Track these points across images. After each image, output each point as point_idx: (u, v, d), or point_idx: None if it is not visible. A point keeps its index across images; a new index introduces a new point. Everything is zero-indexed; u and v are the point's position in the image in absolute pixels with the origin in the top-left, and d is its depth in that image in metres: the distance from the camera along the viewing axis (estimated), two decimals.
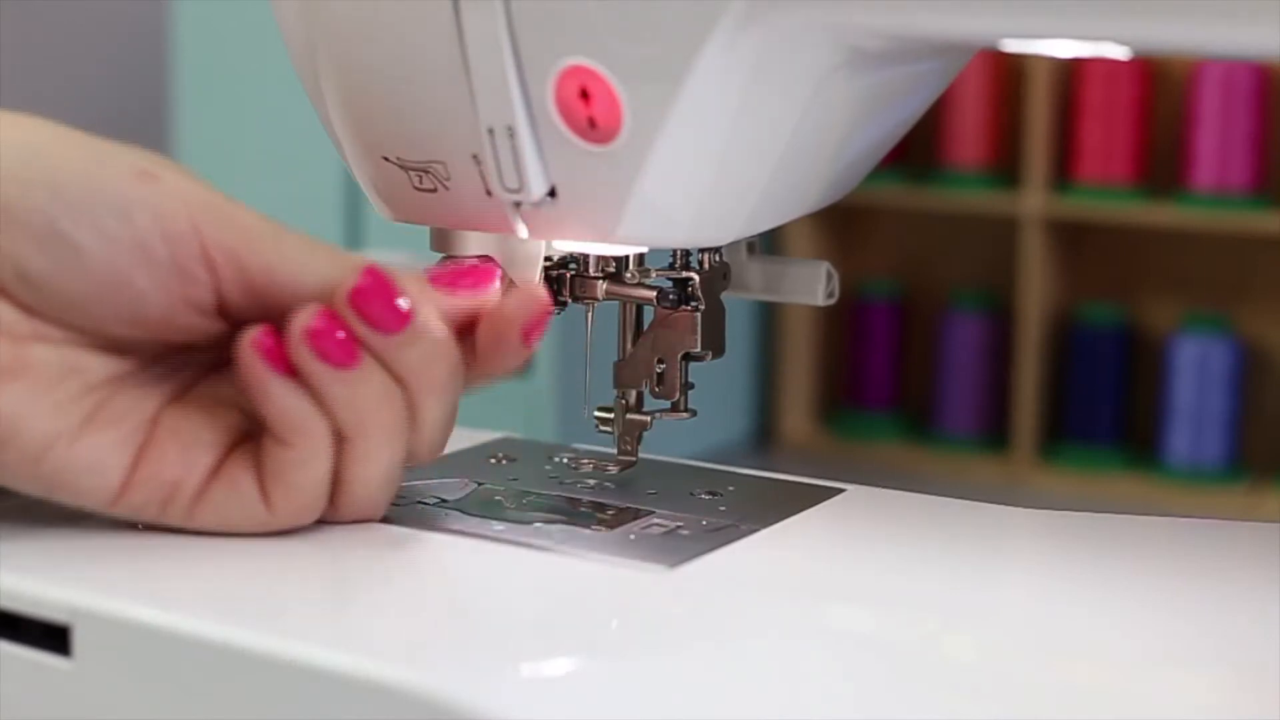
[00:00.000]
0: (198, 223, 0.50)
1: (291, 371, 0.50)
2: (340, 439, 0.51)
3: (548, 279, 0.58)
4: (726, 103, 0.50)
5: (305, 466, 0.51)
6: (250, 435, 0.52)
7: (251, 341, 0.50)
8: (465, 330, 0.53)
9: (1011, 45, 0.51)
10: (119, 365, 0.51)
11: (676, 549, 0.52)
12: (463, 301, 0.53)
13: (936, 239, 2.25)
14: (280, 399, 0.50)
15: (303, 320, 0.50)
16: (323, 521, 0.53)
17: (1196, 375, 2.04)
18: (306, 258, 0.51)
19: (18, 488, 0.51)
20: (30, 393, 0.50)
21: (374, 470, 0.52)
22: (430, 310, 0.51)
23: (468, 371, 0.53)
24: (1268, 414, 2.09)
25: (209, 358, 0.53)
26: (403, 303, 0.50)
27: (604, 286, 0.58)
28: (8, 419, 0.49)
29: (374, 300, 0.50)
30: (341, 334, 0.50)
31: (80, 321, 0.50)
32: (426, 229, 0.58)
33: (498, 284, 0.54)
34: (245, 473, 0.51)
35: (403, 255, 0.77)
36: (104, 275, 0.49)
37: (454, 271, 0.54)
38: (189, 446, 0.51)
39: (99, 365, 0.51)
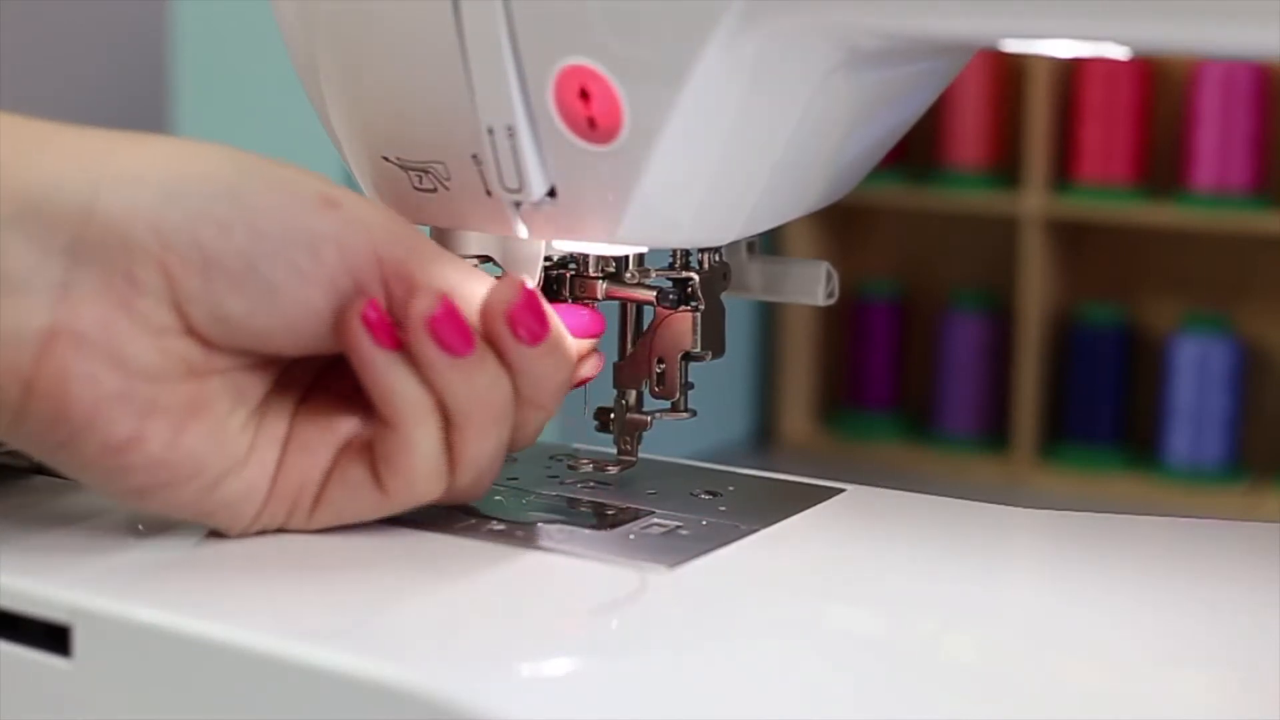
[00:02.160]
0: (378, 248, 0.50)
1: (397, 347, 0.50)
2: (448, 423, 0.51)
3: (548, 279, 0.58)
4: (726, 102, 0.50)
5: (415, 448, 0.51)
6: (362, 430, 0.52)
7: (359, 316, 0.50)
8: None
9: (1011, 45, 0.51)
10: (267, 381, 0.52)
11: (676, 549, 0.52)
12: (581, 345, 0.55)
13: (936, 239, 2.26)
14: (386, 376, 0.50)
15: (424, 307, 0.50)
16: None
17: (1196, 375, 2.04)
18: (466, 280, 0.51)
19: (175, 515, 0.51)
20: (210, 430, 0.50)
21: (480, 454, 0.52)
22: (562, 327, 0.53)
23: None
24: (1268, 414, 2.09)
25: (323, 360, 0.53)
26: (546, 316, 0.51)
27: (604, 286, 0.58)
28: (192, 459, 0.49)
29: (526, 314, 0.51)
30: (459, 322, 0.50)
31: (259, 349, 0.50)
32: (426, 229, 0.58)
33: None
34: (357, 464, 0.52)
35: None
36: (296, 310, 0.49)
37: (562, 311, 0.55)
38: (310, 449, 0.52)
39: (256, 386, 0.51)
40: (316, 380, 0.53)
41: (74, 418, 0.48)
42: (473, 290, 0.51)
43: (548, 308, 0.52)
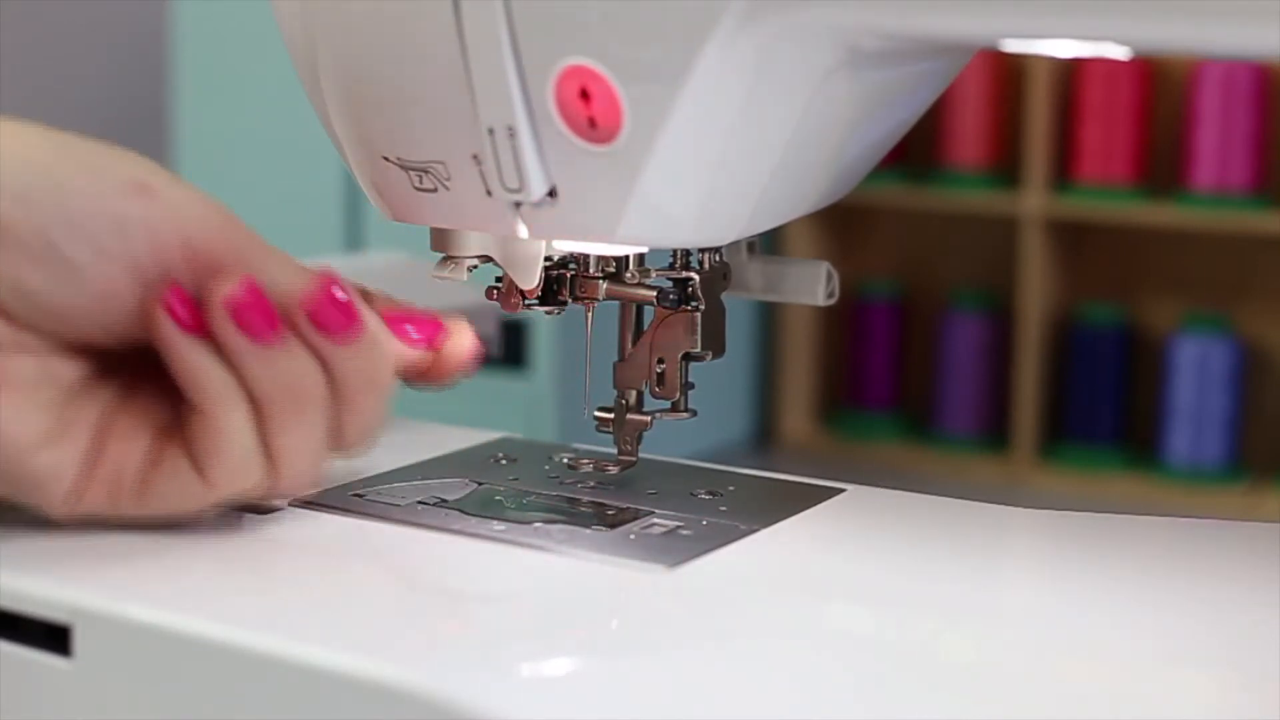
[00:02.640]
0: (189, 237, 0.50)
1: (202, 333, 0.50)
2: (259, 410, 0.51)
3: (548, 279, 0.58)
4: (727, 103, 0.50)
5: (226, 434, 0.51)
6: (180, 418, 0.52)
7: (161, 302, 0.50)
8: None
9: (1011, 45, 0.51)
10: (84, 368, 0.52)
11: (676, 549, 0.52)
12: (409, 350, 0.54)
13: (936, 239, 2.26)
14: (188, 359, 0.50)
15: (225, 290, 0.50)
16: (261, 508, 0.53)
17: (1196, 375, 2.04)
18: (281, 272, 0.51)
19: None
20: (12, 402, 0.50)
21: (295, 444, 0.52)
22: (379, 322, 0.52)
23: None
24: (1268, 414, 2.09)
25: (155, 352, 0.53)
26: (356, 312, 0.51)
27: (604, 286, 0.58)
28: None
29: (330, 308, 0.51)
30: (264, 307, 0.50)
31: (64, 331, 0.51)
32: (426, 229, 0.58)
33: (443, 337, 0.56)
34: (178, 452, 0.52)
35: (403, 255, 0.77)
36: (98, 291, 0.50)
37: (409, 317, 0.55)
38: (128, 437, 0.52)
39: (69, 370, 0.52)
40: (141, 371, 0.53)
41: None
42: (289, 280, 0.51)
43: (363, 308, 0.52)
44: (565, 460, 0.61)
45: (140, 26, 2.31)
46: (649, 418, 0.59)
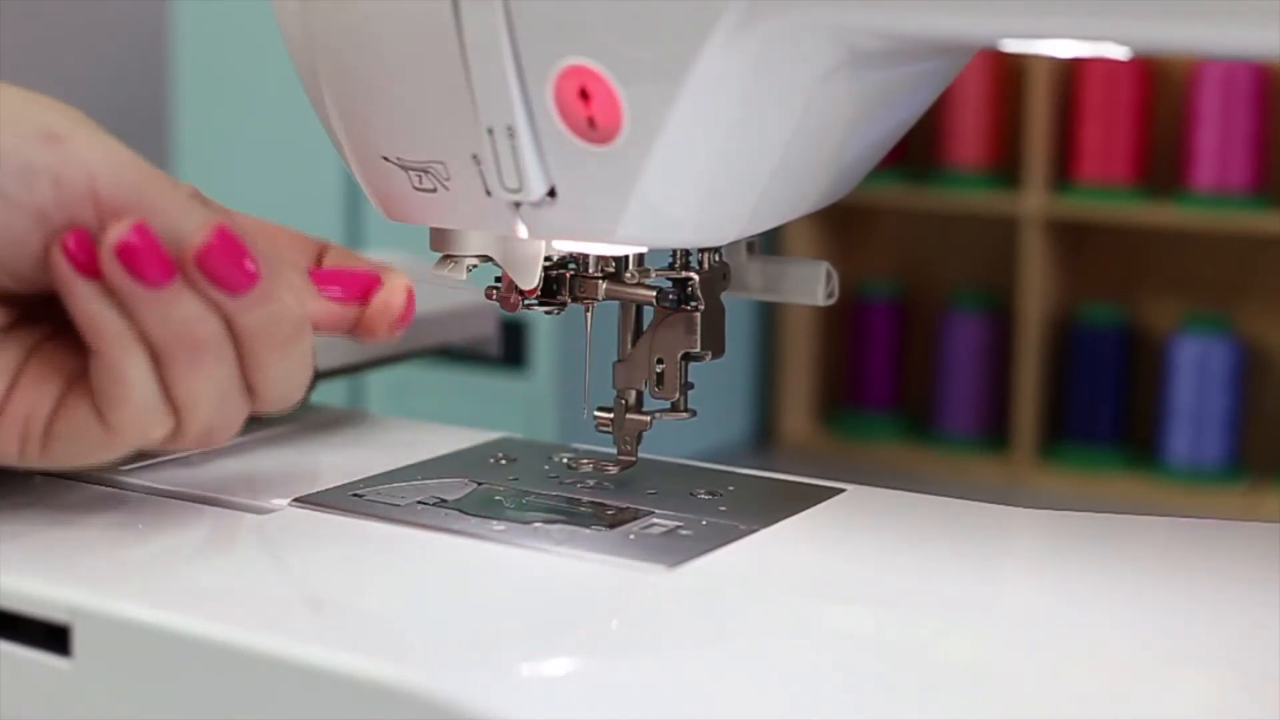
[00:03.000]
0: (96, 186, 0.50)
1: (99, 276, 0.50)
2: (157, 358, 0.51)
3: (547, 279, 0.58)
4: (726, 103, 0.50)
5: (124, 379, 0.51)
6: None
7: (59, 244, 0.50)
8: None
9: (1011, 45, 0.51)
10: (1, 317, 0.52)
11: (676, 549, 0.52)
12: (332, 307, 0.54)
13: (936, 239, 2.26)
14: (85, 303, 0.50)
15: (116, 234, 0.50)
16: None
17: (1196, 375, 2.04)
18: (183, 219, 0.51)
19: None
20: None
21: (197, 393, 0.52)
22: (277, 276, 0.52)
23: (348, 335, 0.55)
24: (1268, 414, 2.09)
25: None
26: (250, 265, 0.51)
27: (604, 286, 0.58)
28: None
29: (222, 260, 0.51)
30: (155, 251, 0.50)
31: None
32: (426, 229, 0.58)
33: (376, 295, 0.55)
34: (82, 400, 0.52)
35: (403, 255, 0.77)
36: (4, 238, 0.50)
37: (338, 275, 0.55)
38: (38, 385, 0.52)
39: None
40: (59, 322, 0.53)
41: None
42: (188, 228, 0.51)
43: (263, 261, 0.51)
44: (565, 460, 0.61)
45: (140, 26, 2.31)
46: (649, 418, 0.59)
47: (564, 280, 0.58)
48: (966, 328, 2.17)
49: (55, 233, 0.50)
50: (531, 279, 0.57)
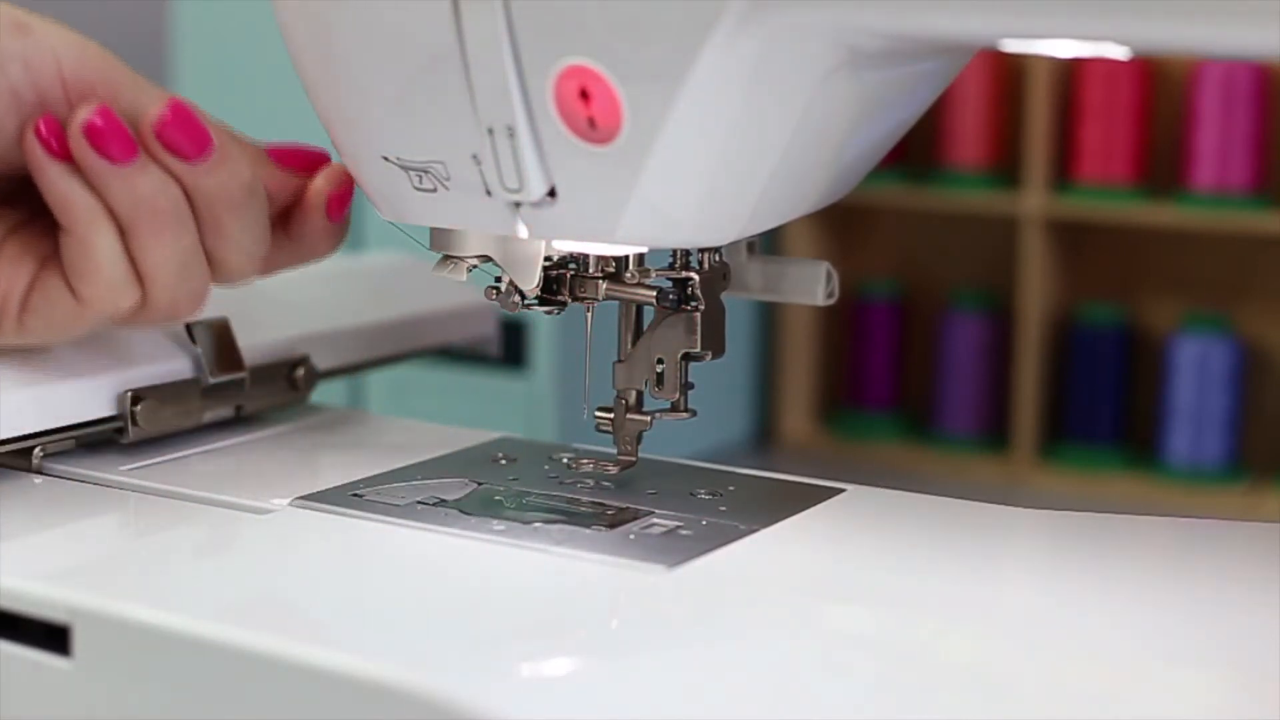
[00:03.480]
0: (63, 70, 0.56)
1: (70, 157, 0.55)
2: (124, 231, 0.55)
3: (547, 279, 0.58)
4: (726, 103, 0.50)
5: (93, 252, 0.55)
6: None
7: (32, 129, 0.55)
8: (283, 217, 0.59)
9: (1011, 45, 0.51)
10: None
11: (676, 549, 0.52)
12: (280, 173, 0.59)
13: (936, 239, 2.25)
14: (56, 182, 0.55)
15: (82, 115, 0.55)
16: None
17: (1196, 375, 2.04)
18: (144, 98, 0.56)
19: None
20: None
21: (161, 262, 0.56)
22: (230, 143, 0.57)
23: (283, 251, 0.59)
24: (1268, 414, 2.09)
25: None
26: (204, 132, 0.56)
27: (604, 286, 0.58)
28: None
29: (179, 128, 0.55)
30: (118, 131, 0.55)
31: None
32: (426, 229, 0.58)
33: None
34: (55, 276, 0.56)
35: (403, 255, 0.77)
36: None
37: (288, 150, 0.59)
38: (14, 264, 0.57)
39: None
40: (38, 209, 0.57)
41: None
42: (147, 105, 0.56)
43: (218, 131, 0.56)
44: (565, 460, 0.61)
45: (140, 26, 2.31)
46: (649, 418, 0.59)
47: (564, 280, 0.58)
48: (966, 328, 2.17)
49: (27, 114, 0.55)
50: (531, 279, 0.57)
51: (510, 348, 1.85)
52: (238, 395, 0.64)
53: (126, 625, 0.47)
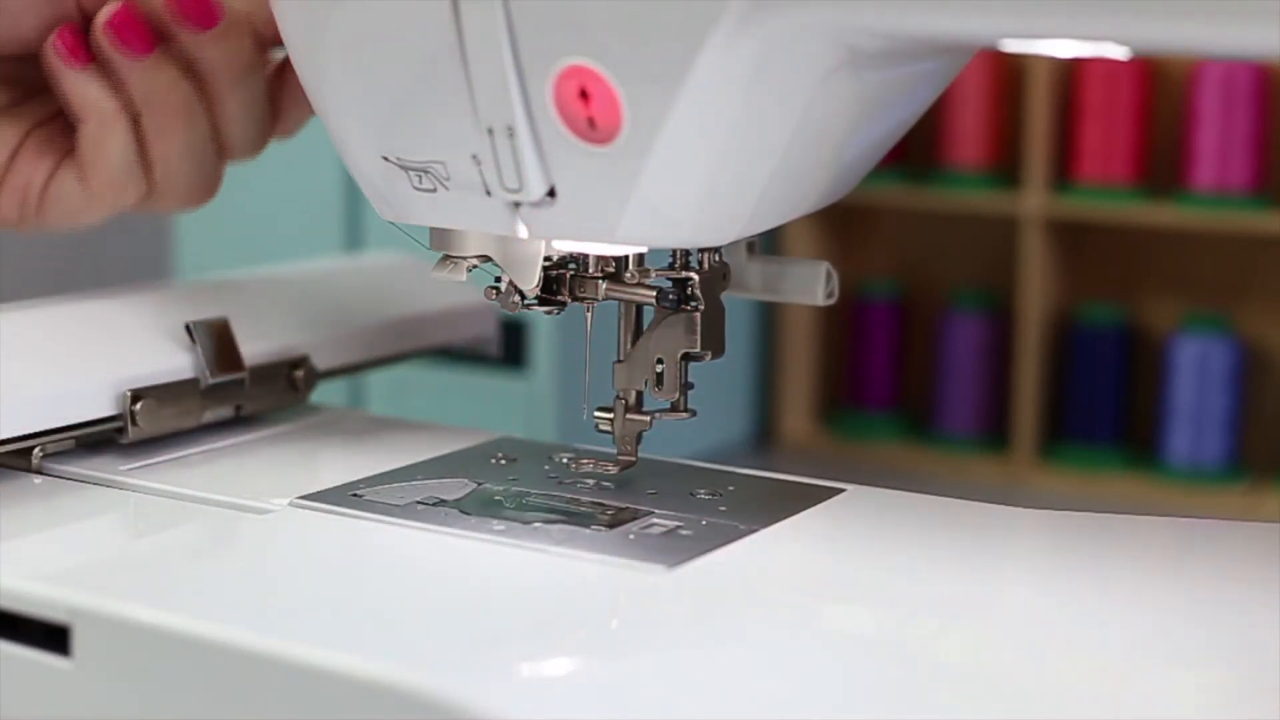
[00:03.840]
0: None
1: (87, 63, 0.60)
2: (136, 124, 0.61)
3: (547, 279, 0.58)
4: (726, 103, 0.50)
5: (103, 145, 0.60)
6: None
7: (54, 37, 0.60)
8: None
9: (1011, 45, 0.51)
10: (5, 96, 0.62)
11: (676, 549, 0.52)
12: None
13: (936, 239, 2.26)
14: (73, 84, 0.60)
15: (104, 14, 0.59)
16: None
17: (1196, 375, 2.04)
18: None
19: None
20: None
21: (169, 151, 0.61)
22: (240, 18, 0.61)
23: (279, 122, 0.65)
24: (1268, 414, 2.09)
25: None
26: (220, 10, 0.60)
27: (604, 286, 0.58)
28: None
29: (192, 4, 0.60)
30: (138, 24, 0.60)
31: None
32: (426, 229, 0.58)
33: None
34: (70, 169, 0.61)
35: (403, 255, 0.77)
36: (3, 20, 0.59)
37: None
38: (37, 156, 0.62)
39: None
40: (57, 110, 0.62)
41: None
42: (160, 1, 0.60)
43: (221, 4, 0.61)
44: (565, 460, 0.61)
45: None
46: (649, 418, 0.59)
47: (564, 280, 0.58)
48: (966, 328, 2.17)
49: (46, 15, 0.59)
50: (531, 279, 0.57)
51: (510, 348, 1.86)
52: (238, 395, 0.64)
53: (126, 625, 0.47)
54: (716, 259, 0.59)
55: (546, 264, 0.57)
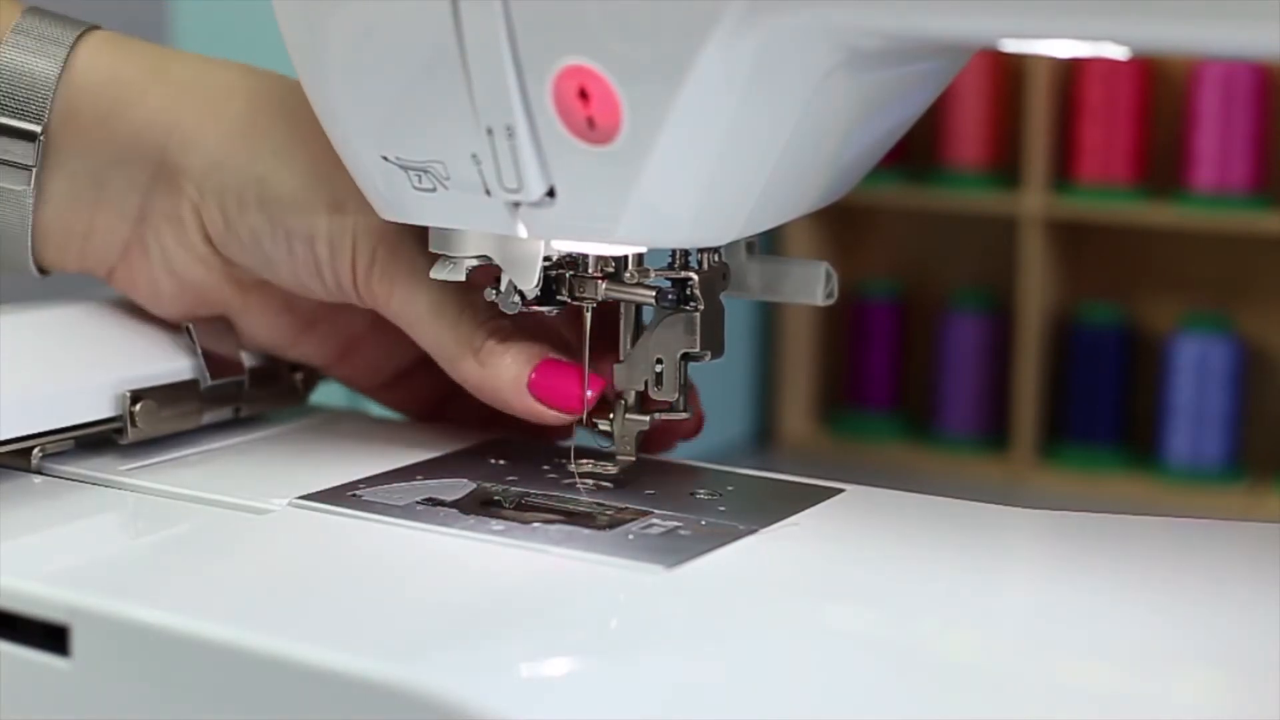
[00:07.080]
0: (358, 262, 0.60)
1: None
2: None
3: (547, 279, 0.58)
4: (726, 103, 0.50)
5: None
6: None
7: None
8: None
9: (1011, 45, 0.51)
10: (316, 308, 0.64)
11: (676, 549, 0.52)
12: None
13: (936, 239, 2.26)
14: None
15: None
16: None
17: (1196, 375, 2.04)
18: (431, 323, 0.60)
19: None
20: (259, 312, 0.64)
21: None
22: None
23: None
24: (1268, 414, 2.09)
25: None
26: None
27: (604, 287, 0.58)
28: (248, 332, 0.65)
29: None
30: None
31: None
32: (426, 228, 0.58)
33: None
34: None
35: None
36: (285, 276, 0.61)
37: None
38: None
39: (305, 304, 0.64)
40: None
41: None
42: (422, 333, 0.61)
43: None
44: (565, 460, 0.61)
45: (140, 26, 2.31)
46: (649, 418, 0.59)
47: (563, 280, 0.58)
48: (966, 328, 2.17)
49: (325, 282, 0.61)
50: (530, 279, 0.57)
51: None
52: (237, 397, 0.64)
53: (126, 625, 0.47)
54: (716, 259, 0.59)
55: (546, 264, 0.57)
